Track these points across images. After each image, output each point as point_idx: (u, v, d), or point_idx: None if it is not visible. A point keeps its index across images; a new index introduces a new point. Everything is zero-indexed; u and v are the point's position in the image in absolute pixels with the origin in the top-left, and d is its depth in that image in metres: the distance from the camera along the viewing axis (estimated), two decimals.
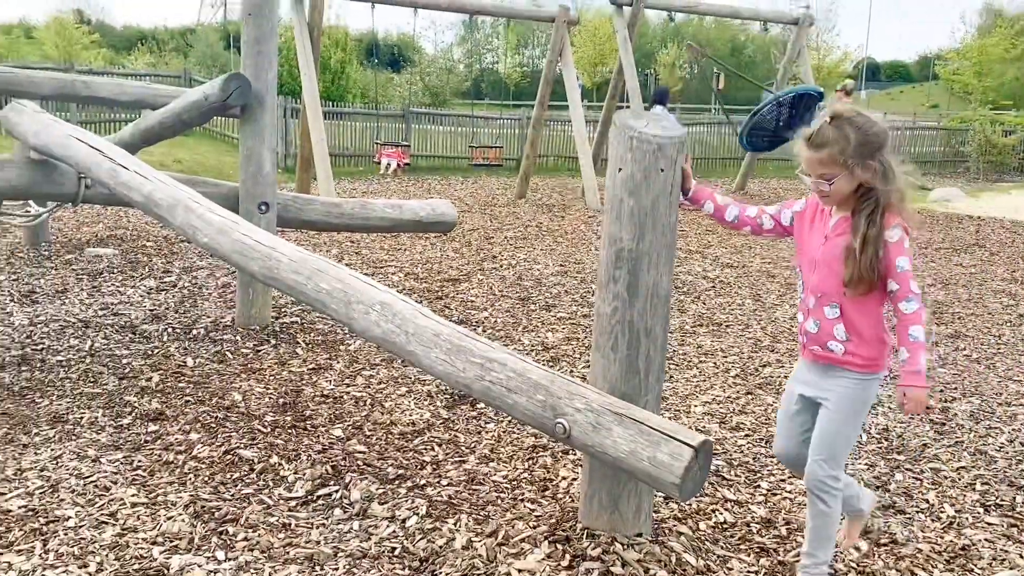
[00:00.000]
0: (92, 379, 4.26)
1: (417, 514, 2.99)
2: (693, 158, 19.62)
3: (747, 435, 3.92)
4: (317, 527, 2.89)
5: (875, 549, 2.93)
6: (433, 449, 3.60)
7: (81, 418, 3.75)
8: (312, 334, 5.25)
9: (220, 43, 35.29)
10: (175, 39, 38.42)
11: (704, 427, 3.98)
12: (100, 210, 9.36)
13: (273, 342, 5.05)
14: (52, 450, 3.40)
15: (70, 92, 6.11)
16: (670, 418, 3.91)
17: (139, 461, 3.33)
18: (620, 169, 2.56)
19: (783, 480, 3.43)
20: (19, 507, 2.94)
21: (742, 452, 3.73)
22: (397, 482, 3.26)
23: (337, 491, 3.16)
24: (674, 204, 2.59)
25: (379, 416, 3.94)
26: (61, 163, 4.73)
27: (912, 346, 2.35)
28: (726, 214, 2.68)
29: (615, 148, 2.59)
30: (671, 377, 4.69)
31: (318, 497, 3.11)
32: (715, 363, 5.04)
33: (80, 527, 2.82)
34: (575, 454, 3.52)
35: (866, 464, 3.64)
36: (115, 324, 5.24)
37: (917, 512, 3.22)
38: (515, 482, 3.30)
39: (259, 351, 4.87)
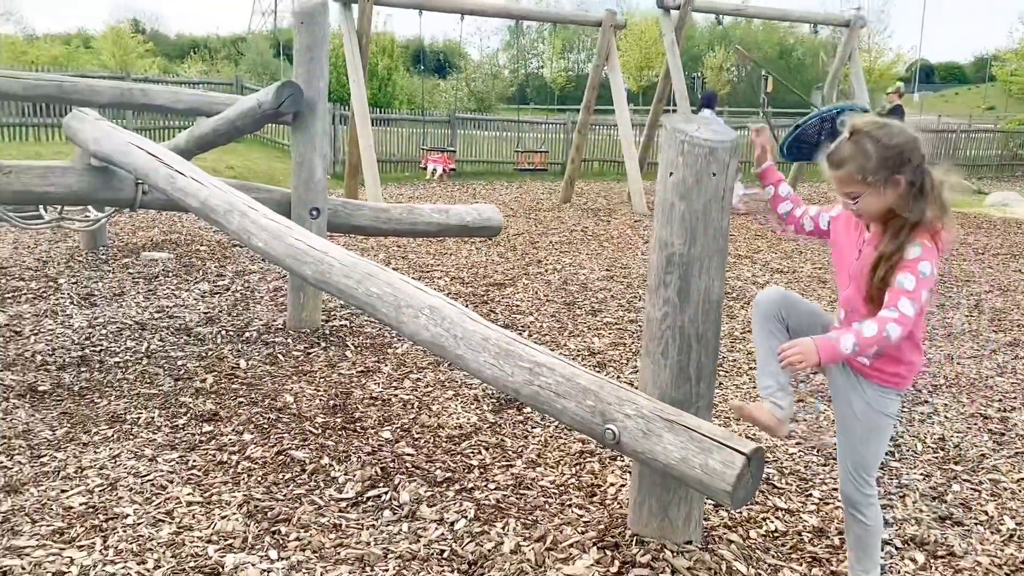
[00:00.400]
0: (148, 380, 4.37)
1: (465, 517, 3.01)
2: (741, 161, 19.41)
3: (798, 443, 3.86)
4: (367, 528, 2.92)
5: (932, 561, 2.87)
6: (480, 453, 3.61)
7: (138, 418, 3.84)
8: (361, 337, 5.31)
9: (270, 51, 35.92)
10: (226, 47, 39.22)
11: (755, 434, 3.93)
12: (155, 215, 9.58)
13: (323, 345, 5.12)
14: (111, 449, 3.50)
15: (128, 100, 6.27)
16: (720, 425, 3.87)
17: (194, 461, 3.41)
18: (671, 173, 2.54)
19: (835, 489, 3.37)
20: (80, 504, 3.02)
21: (793, 460, 3.67)
22: (445, 485, 3.28)
23: (386, 493, 3.19)
24: (726, 209, 2.57)
25: (427, 419, 3.97)
26: (120, 169, 4.86)
27: (852, 330, 2.18)
28: (780, 206, 2.64)
29: (666, 152, 2.57)
30: (720, 384, 4.64)
31: (368, 498, 3.15)
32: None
33: (138, 524, 2.89)
34: (623, 460, 3.50)
35: (922, 474, 3.56)
36: (170, 326, 5.36)
37: (976, 524, 3.14)
38: (562, 487, 3.30)
39: (310, 354, 4.94)
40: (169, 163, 4.16)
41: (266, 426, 3.79)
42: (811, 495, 3.32)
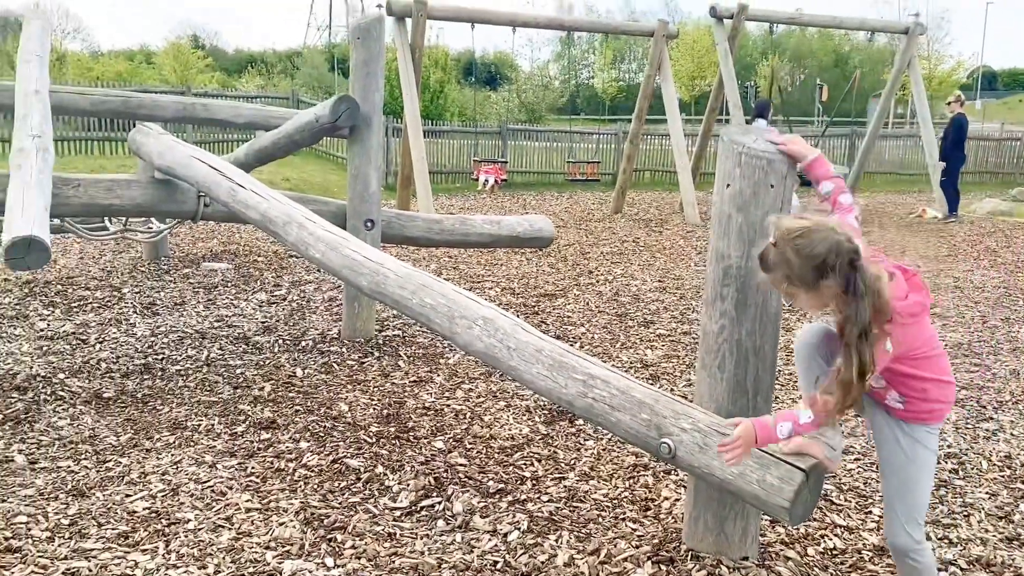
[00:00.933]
0: (208, 388, 4.47)
1: (519, 529, 3.01)
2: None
3: (857, 459, 3.78)
4: (421, 538, 2.94)
5: None
6: (533, 464, 3.61)
7: (199, 425, 3.94)
8: (413, 347, 5.36)
9: (325, 65, 36.55)
10: (282, 61, 40.03)
11: None
12: (214, 226, 9.81)
13: (377, 354, 5.18)
14: (172, 455, 3.58)
15: (190, 115, 6.46)
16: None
17: (252, 468, 3.47)
18: (728, 185, 2.53)
19: None
20: (143, 509, 3.10)
21: (852, 476, 3.60)
22: (498, 496, 3.29)
23: (440, 503, 3.21)
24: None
25: (479, 430, 3.99)
26: (182, 182, 4.99)
27: (790, 416, 2.21)
28: (822, 189, 2.43)
29: (723, 163, 2.56)
30: (777, 398, 4.57)
31: (421, 508, 3.17)
32: None
33: (199, 530, 2.95)
34: (677, 474, 3.47)
35: (987, 493, 3.46)
36: (229, 335, 5.48)
37: None
38: (616, 501, 3.28)
39: (364, 363, 5.00)
40: (230, 176, 4.27)
41: (322, 434, 3.85)
42: (871, 512, 3.25)
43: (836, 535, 3.05)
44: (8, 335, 5.34)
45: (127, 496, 3.20)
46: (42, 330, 5.48)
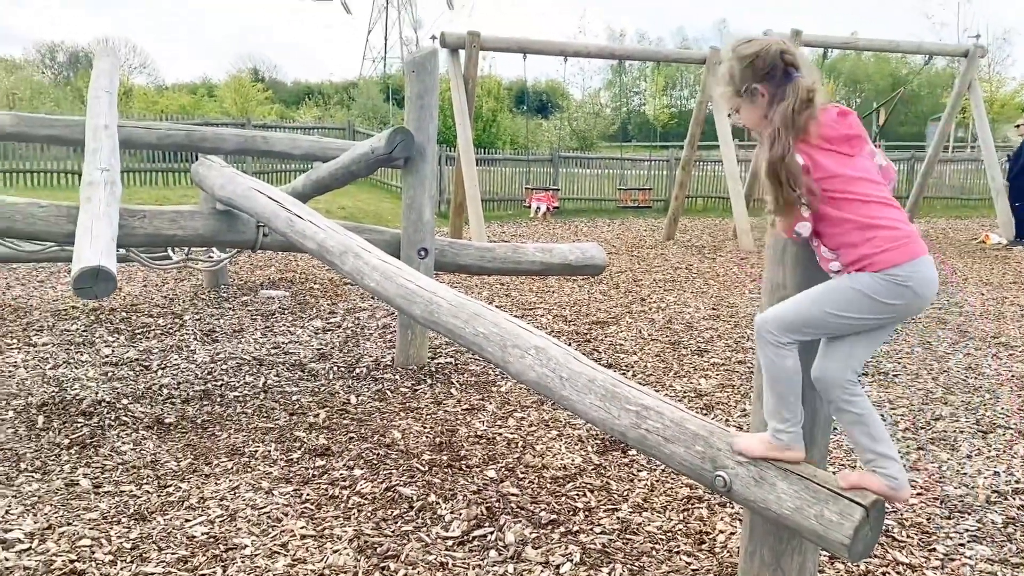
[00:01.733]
0: (265, 414, 4.55)
1: (571, 561, 2.99)
2: None
3: (919, 493, 3.67)
4: (473, 568, 2.94)
5: None
6: (585, 495, 3.59)
7: (256, 451, 4.01)
8: (465, 375, 5.39)
9: (380, 95, 37.25)
10: (339, 93, 40.91)
11: None
12: (271, 254, 10.04)
13: (429, 382, 5.22)
14: (230, 481, 3.65)
15: (251, 147, 6.65)
16: (834, 472, 3.73)
17: (307, 494, 3.52)
18: None
19: (961, 544, 3.19)
20: (202, 534, 3.16)
21: (914, 511, 3.49)
22: (550, 527, 3.27)
23: (492, 533, 3.21)
24: None
25: (531, 459, 3.98)
26: (243, 213, 5.13)
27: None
28: None
29: None
30: (834, 429, 4.47)
31: (474, 538, 3.17)
32: (882, 415, 4.76)
33: (256, 555, 3.00)
34: (732, 507, 3.41)
35: None
36: (286, 362, 5.58)
37: None
38: (670, 533, 3.24)
39: (416, 390, 5.04)
40: (289, 207, 4.37)
41: (375, 462, 3.88)
42: (935, 549, 3.15)
43: (898, 572, 2.97)
44: (76, 361, 5.52)
45: (187, 521, 3.26)
46: (107, 356, 5.65)
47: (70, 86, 35.92)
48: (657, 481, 3.74)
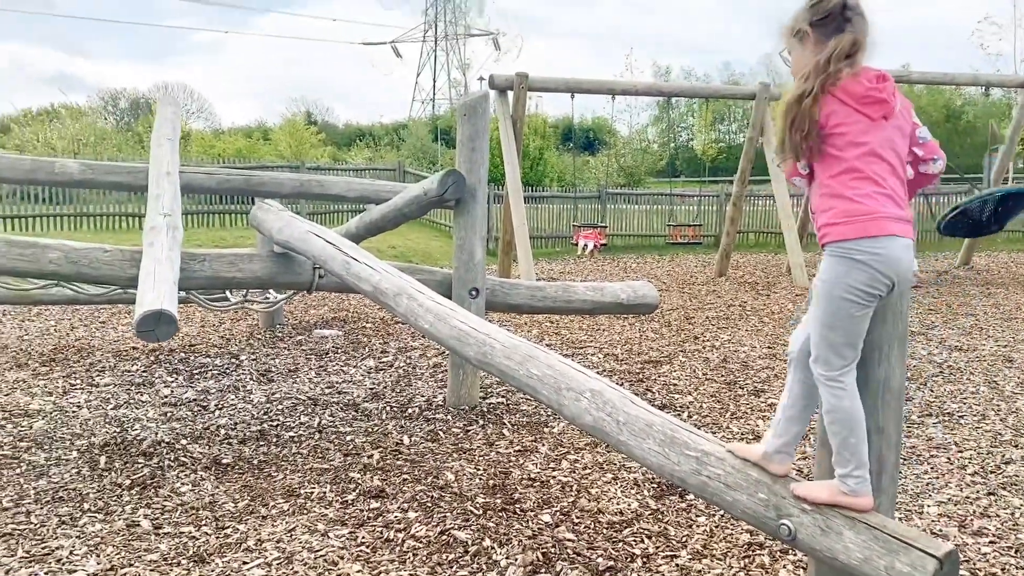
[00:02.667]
0: (320, 455, 4.58)
1: None
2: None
3: (992, 541, 3.53)
4: None
5: None
6: (643, 541, 3.52)
7: (311, 492, 4.03)
8: (517, 415, 5.37)
9: (429, 136, 37.83)
10: (389, 134, 41.66)
11: (941, 530, 3.63)
12: (325, 293, 10.18)
13: (481, 422, 5.20)
14: (287, 523, 3.67)
15: (306, 191, 6.80)
16: (900, 519, 3.61)
17: (362, 537, 3.52)
18: None
19: None
20: None
21: (987, 561, 3.35)
22: (608, 574, 3.21)
23: None
24: (905, 292, 2.44)
25: (586, 503, 3.93)
26: (299, 256, 5.23)
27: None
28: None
29: None
30: (902, 474, 4.33)
31: None
32: (948, 458, 4.60)
33: None
34: (795, 553, 3.32)
35: None
36: (340, 402, 5.62)
37: None
38: None
39: (468, 431, 5.03)
40: (344, 250, 4.44)
41: (429, 504, 3.87)
42: None
43: None
44: (136, 401, 5.64)
45: (244, 563, 3.28)
46: (166, 396, 5.76)
47: (131, 131, 37.20)
48: (716, 527, 3.66)
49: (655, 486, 4.13)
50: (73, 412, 5.38)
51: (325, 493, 4.02)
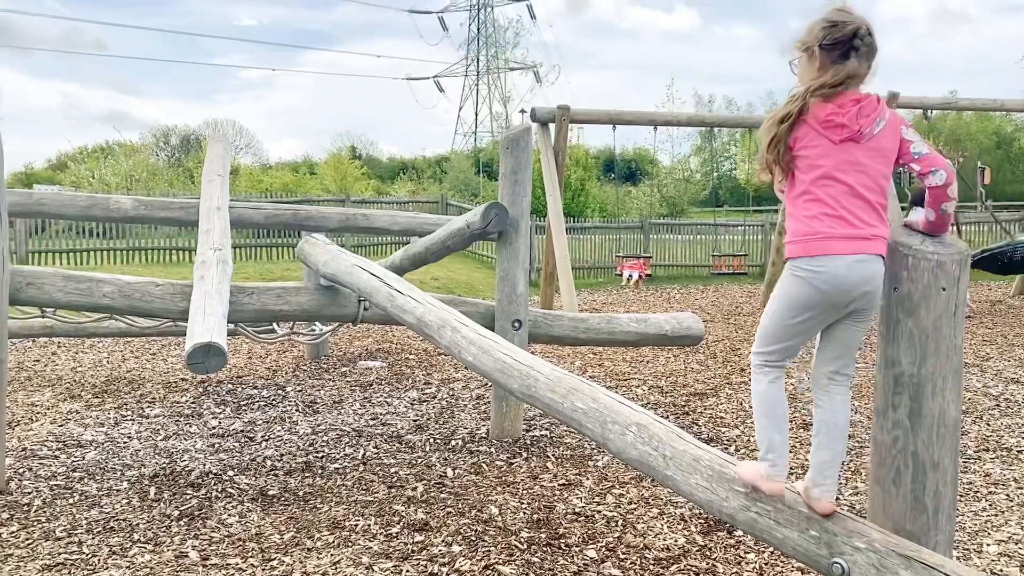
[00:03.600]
0: (364, 487, 4.60)
1: None
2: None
3: None
4: None
5: None
6: None
7: (356, 525, 4.04)
8: (561, 448, 5.33)
9: (471, 168, 38.20)
10: (431, 167, 42.18)
11: (1001, 571, 3.50)
12: (369, 325, 10.26)
13: (524, 455, 5.18)
14: (332, 555, 3.68)
15: (352, 224, 6.90)
16: (958, 558, 3.50)
17: (407, 571, 3.51)
18: (895, 288, 2.42)
19: None
20: None
21: None
22: None
23: None
24: (959, 325, 2.39)
25: (632, 538, 3.87)
26: (345, 288, 5.29)
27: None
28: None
29: (889, 266, 2.45)
30: (959, 511, 4.19)
31: None
32: (1007, 494, 4.45)
33: None
34: None
35: None
36: (383, 434, 5.64)
37: None
38: None
39: (512, 464, 5.01)
40: (389, 283, 4.49)
41: (473, 538, 3.85)
42: None
43: None
44: (185, 432, 5.73)
45: None
46: (214, 428, 5.84)
47: (182, 167, 38.21)
48: (766, 564, 3.58)
49: (702, 521, 4.06)
50: (124, 443, 5.48)
51: (370, 525, 4.02)
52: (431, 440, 5.51)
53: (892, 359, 2.43)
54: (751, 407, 6.48)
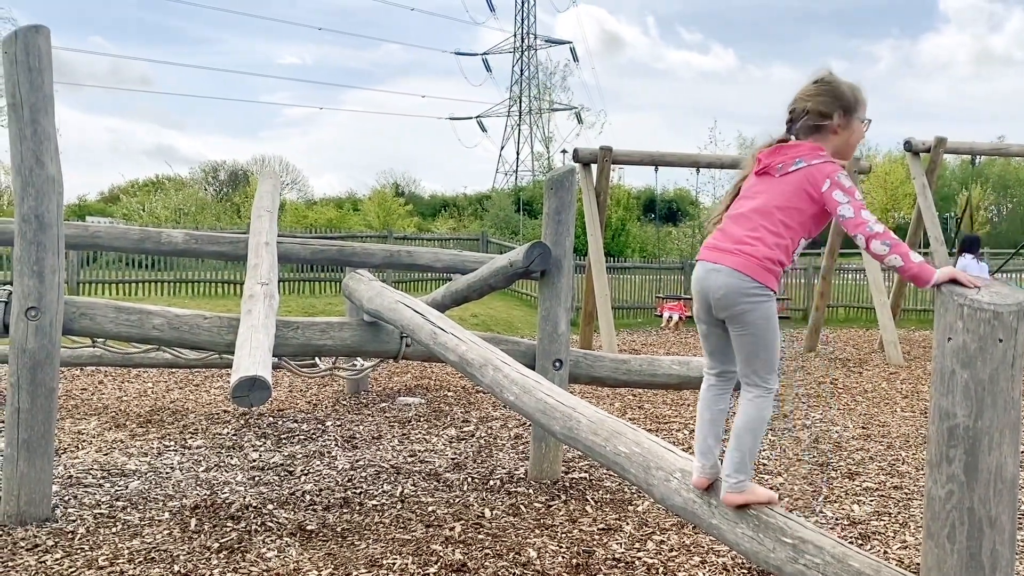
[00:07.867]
0: (402, 525, 4.58)
1: None
2: None
3: None
4: None
5: None
6: None
7: (393, 563, 4.01)
8: (600, 491, 5.27)
9: (511, 207, 38.45)
10: (472, 205, 42.54)
11: None
12: (408, 361, 10.31)
13: (563, 498, 5.12)
14: None
15: (396, 261, 6.98)
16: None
17: None
18: (950, 339, 2.36)
19: None
20: None
21: None
22: None
23: None
24: (1016, 378, 2.33)
25: None
26: (388, 324, 5.34)
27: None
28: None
29: (942, 315, 2.41)
30: (1018, 573, 4.05)
31: None
32: None
33: None
34: None
35: None
36: (422, 471, 5.63)
37: None
38: None
39: (550, 506, 4.96)
40: (432, 320, 4.52)
41: None
42: None
43: None
44: (226, 464, 5.78)
45: None
46: (255, 460, 5.89)
47: (230, 201, 39.06)
48: None
49: (745, 571, 3.97)
50: (167, 473, 5.55)
51: (407, 564, 4.00)
52: (469, 479, 5.48)
53: (946, 411, 2.37)
54: (795, 455, 6.36)
